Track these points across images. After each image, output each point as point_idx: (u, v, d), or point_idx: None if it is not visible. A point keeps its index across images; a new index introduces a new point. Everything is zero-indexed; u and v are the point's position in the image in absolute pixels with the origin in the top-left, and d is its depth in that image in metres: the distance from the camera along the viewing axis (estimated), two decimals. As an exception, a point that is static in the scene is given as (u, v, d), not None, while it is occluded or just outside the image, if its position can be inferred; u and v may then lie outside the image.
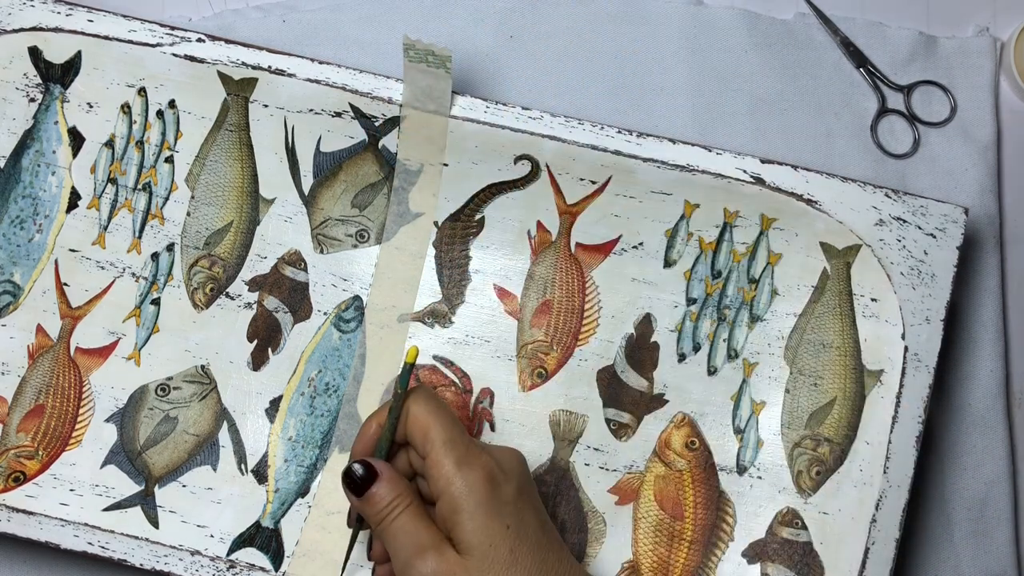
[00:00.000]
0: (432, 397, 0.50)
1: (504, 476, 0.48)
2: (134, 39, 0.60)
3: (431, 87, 0.58)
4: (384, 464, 0.49)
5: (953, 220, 0.59)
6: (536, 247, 0.61)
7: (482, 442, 0.51)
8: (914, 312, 0.59)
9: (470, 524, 0.46)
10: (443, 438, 0.48)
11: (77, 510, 0.58)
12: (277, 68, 0.60)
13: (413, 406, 0.49)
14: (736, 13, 0.66)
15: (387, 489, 0.48)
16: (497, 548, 0.46)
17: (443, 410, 0.49)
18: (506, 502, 0.47)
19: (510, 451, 0.50)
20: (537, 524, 0.48)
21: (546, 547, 0.48)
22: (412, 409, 0.49)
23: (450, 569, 0.46)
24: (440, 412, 0.49)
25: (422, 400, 0.49)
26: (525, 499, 0.48)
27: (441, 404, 0.50)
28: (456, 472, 0.47)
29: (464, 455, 0.47)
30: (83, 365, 0.60)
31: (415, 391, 0.50)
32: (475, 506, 0.46)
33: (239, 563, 0.58)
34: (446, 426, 0.48)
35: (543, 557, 0.47)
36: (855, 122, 0.66)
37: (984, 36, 0.67)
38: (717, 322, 0.61)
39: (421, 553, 0.46)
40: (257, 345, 0.61)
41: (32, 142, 0.61)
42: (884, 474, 0.58)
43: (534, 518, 0.48)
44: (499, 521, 0.47)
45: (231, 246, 0.61)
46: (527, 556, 0.47)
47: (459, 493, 0.47)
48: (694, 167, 0.60)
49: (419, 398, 0.50)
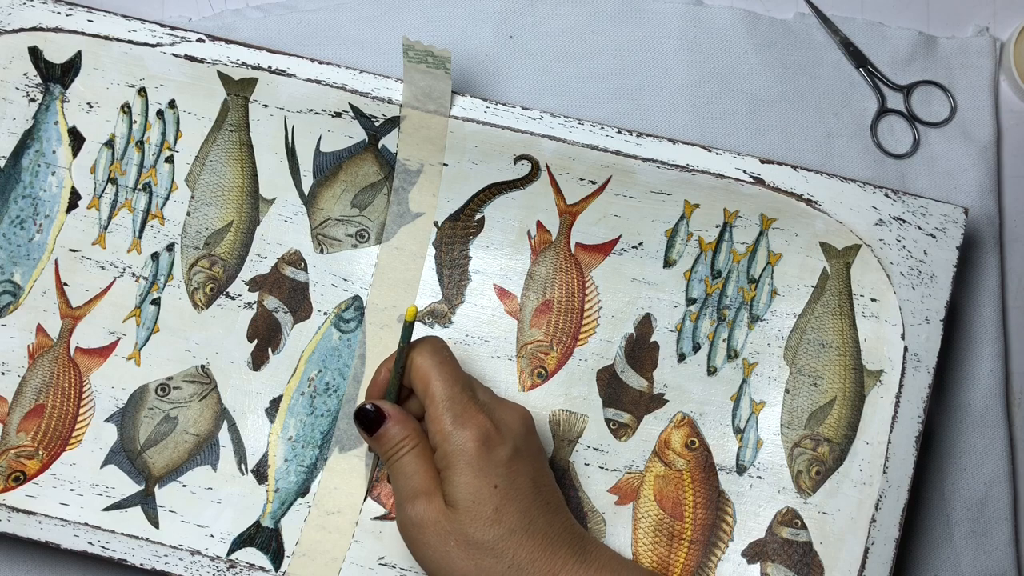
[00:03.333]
0: (437, 351, 0.51)
1: (500, 438, 0.49)
2: (134, 39, 0.60)
3: (431, 87, 0.58)
4: (392, 407, 0.52)
5: (953, 220, 0.59)
6: (536, 247, 0.61)
7: (489, 395, 0.52)
8: (914, 312, 0.59)
9: (458, 480, 0.49)
10: (442, 395, 0.50)
11: (77, 510, 0.58)
12: (277, 68, 0.60)
13: (417, 358, 0.51)
14: (736, 13, 0.66)
15: (395, 430, 0.51)
16: (481, 505, 0.48)
17: (445, 365, 0.51)
18: (498, 463, 0.49)
19: (514, 411, 0.51)
20: (529, 486, 0.49)
21: (536, 508, 0.49)
22: (416, 361, 0.51)
23: (435, 517, 0.49)
24: (442, 367, 0.50)
25: (426, 353, 0.51)
26: (520, 461, 0.50)
27: (445, 358, 0.51)
28: (452, 430, 0.49)
29: (461, 414, 0.49)
30: (83, 365, 0.60)
31: (422, 342, 0.52)
32: (465, 465, 0.49)
33: (239, 563, 0.58)
34: (447, 382, 0.50)
35: (530, 518, 0.49)
36: (855, 122, 0.66)
37: (984, 36, 0.67)
38: (717, 322, 0.61)
39: (413, 497, 0.49)
40: (257, 345, 0.61)
41: (32, 142, 0.61)
42: (884, 474, 0.58)
43: (526, 480, 0.49)
44: (487, 481, 0.48)
45: (231, 246, 0.61)
46: (512, 516, 0.48)
47: (452, 450, 0.49)
48: (694, 167, 0.60)
49: (424, 351, 0.51)
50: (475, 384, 0.52)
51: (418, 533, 0.49)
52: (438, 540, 0.49)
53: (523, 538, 0.48)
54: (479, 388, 0.52)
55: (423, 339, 0.52)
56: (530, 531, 0.49)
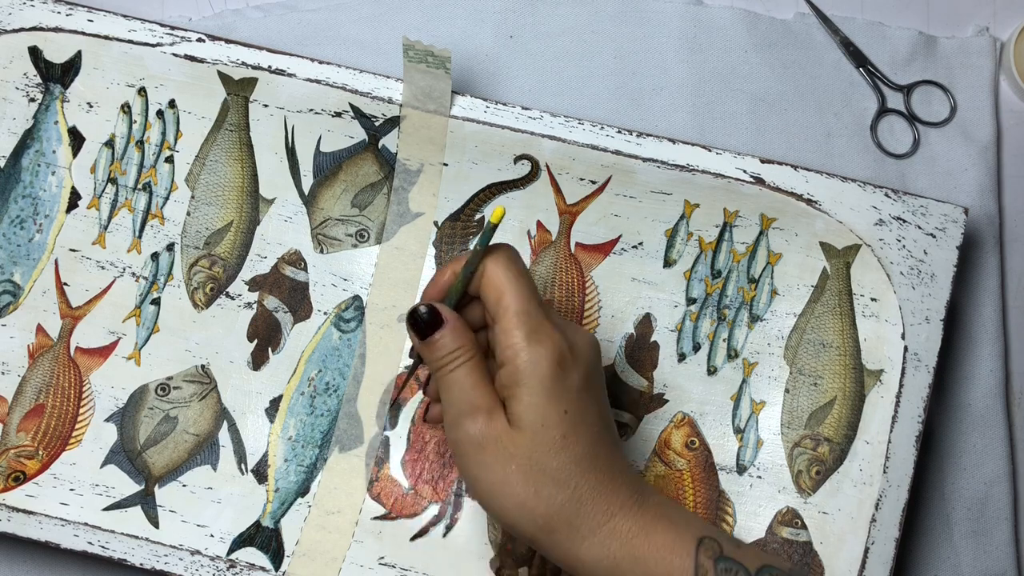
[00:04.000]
0: (513, 261, 0.47)
1: (574, 361, 0.46)
2: (134, 39, 0.60)
3: (431, 87, 0.58)
4: (452, 313, 0.47)
5: (953, 220, 0.59)
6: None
7: (560, 317, 0.48)
8: (914, 312, 0.59)
9: (528, 399, 0.45)
10: (517, 307, 0.46)
11: (77, 510, 0.58)
12: (277, 68, 0.60)
13: (491, 265, 0.47)
14: (736, 13, 0.66)
15: (451, 338, 0.47)
16: (549, 430, 0.45)
17: (522, 277, 0.47)
18: (570, 388, 0.45)
19: (586, 337, 0.48)
20: (597, 415, 0.46)
21: (601, 442, 0.46)
22: (489, 268, 0.47)
23: (497, 436, 0.45)
24: (519, 279, 0.46)
25: (502, 262, 0.47)
26: (590, 388, 0.46)
27: (521, 271, 0.47)
28: (525, 345, 0.45)
29: (536, 329, 0.45)
30: (83, 365, 0.60)
31: (496, 249, 0.48)
32: (537, 384, 0.45)
33: (239, 563, 0.58)
34: (523, 295, 0.46)
35: (596, 451, 0.45)
36: (855, 122, 0.66)
37: (984, 36, 0.67)
38: (717, 322, 0.61)
39: (473, 413, 0.45)
40: (257, 345, 0.61)
41: (32, 142, 0.61)
42: (884, 474, 0.58)
43: (595, 409, 0.46)
44: (558, 404, 0.45)
45: (231, 246, 0.61)
46: (577, 444, 0.45)
47: (524, 367, 0.45)
48: (694, 167, 0.60)
49: (499, 259, 0.47)
50: (546, 305, 0.48)
51: (476, 452, 0.45)
52: (498, 462, 0.45)
53: (588, 469, 0.45)
54: (551, 309, 0.48)
55: (498, 246, 0.48)
56: (595, 463, 0.45)
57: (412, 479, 0.59)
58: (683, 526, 0.45)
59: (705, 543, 0.45)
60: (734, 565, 0.45)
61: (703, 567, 0.44)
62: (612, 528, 0.45)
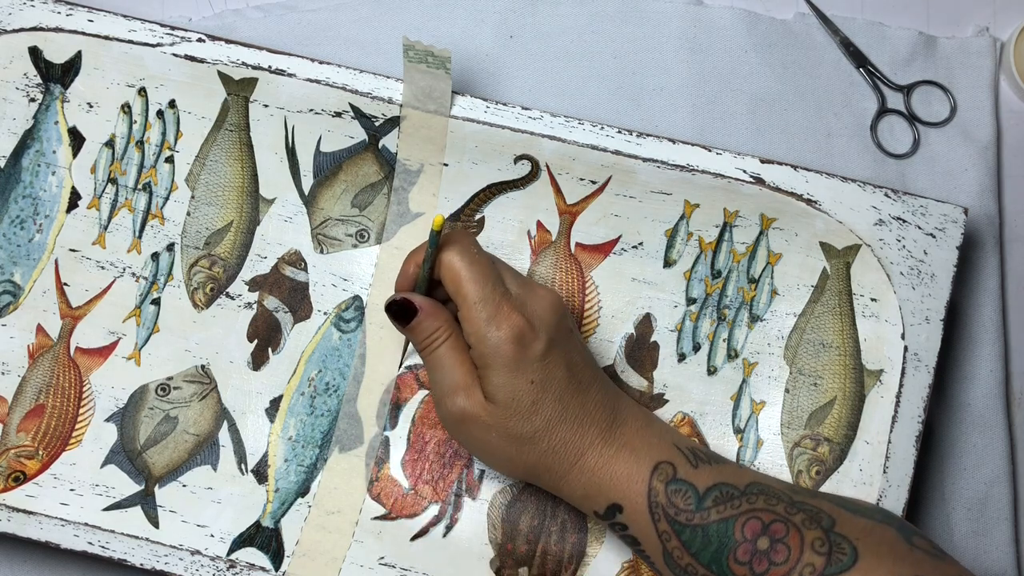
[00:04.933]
0: (466, 250, 0.51)
1: (533, 334, 0.50)
2: (134, 39, 0.60)
3: (431, 87, 0.58)
4: (423, 299, 0.52)
5: (953, 220, 0.59)
6: (536, 247, 0.61)
7: (518, 283, 0.52)
8: (914, 312, 0.59)
9: (495, 379, 0.50)
10: (474, 296, 0.50)
11: (77, 510, 0.58)
12: (277, 68, 0.60)
13: (446, 256, 0.51)
14: (736, 13, 0.66)
15: (428, 323, 0.52)
16: (519, 400, 0.50)
17: (476, 264, 0.50)
18: (533, 359, 0.50)
19: (546, 300, 0.51)
20: (563, 373, 0.51)
21: (569, 394, 0.51)
22: (445, 260, 0.51)
23: (475, 412, 0.51)
24: (473, 267, 0.50)
25: (456, 253, 0.51)
26: (554, 351, 0.50)
27: (475, 257, 0.51)
28: (486, 331, 0.50)
29: (494, 314, 0.50)
30: (83, 365, 0.60)
31: (451, 239, 0.51)
32: (501, 365, 0.50)
33: (239, 563, 0.58)
34: (478, 282, 0.50)
35: (564, 405, 0.51)
36: (855, 122, 0.66)
37: (984, 36, 0.67)
38: (717, 322, 0.61)
39: (454, 391, 0.51)
40: (257, 345, 0.61)
41: (32, 142, 0.61)
42: (884, 474, 0.58)
43: (560, 368, 0.51)
44: (524, 377, 0.50)
45: (231, 246, 0.61)
46: (548, 406, 0.50)
47: (487, 351, 0.50)
48: (694, 167, 0.60)
49: (453, 250, 0.51)
50: (505, 273, 0.52)
51: (460, 424, 0.51)
52: (480, 432, 0.51)
53: (558, 425, 0.50)
54: (509, 277, 0.52)
55: (451, 235, 0.52)
56: (564, 417, 0.51)
57: (412, 479, 0.59)
58: (643, 453, 0.51)
59: (660, 468, 0.51)
60: (684, 485, 0.50)
61: (655, 490, 0.50)
62: (582, 466, 0.51)
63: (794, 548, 0.48)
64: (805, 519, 0.49)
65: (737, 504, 0.50)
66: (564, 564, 0.59)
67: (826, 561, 0.47)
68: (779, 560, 0.48)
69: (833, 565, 0.47)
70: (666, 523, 0.50)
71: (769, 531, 0.48)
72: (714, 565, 0.49)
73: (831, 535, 0.48)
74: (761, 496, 0.50)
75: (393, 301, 0.52)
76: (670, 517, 0.50)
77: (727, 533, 0.49)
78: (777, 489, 0.51)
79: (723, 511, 0.49)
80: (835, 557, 0.47)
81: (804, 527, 0.48)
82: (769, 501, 0.50)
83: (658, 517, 0.50)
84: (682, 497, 0.50)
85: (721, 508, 0.49)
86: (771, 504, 0.49)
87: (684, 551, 0.50)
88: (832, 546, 0.47)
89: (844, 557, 0.47)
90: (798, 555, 0.48)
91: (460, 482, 0.60)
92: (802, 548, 0.48)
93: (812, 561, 0.47)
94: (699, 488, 0.50)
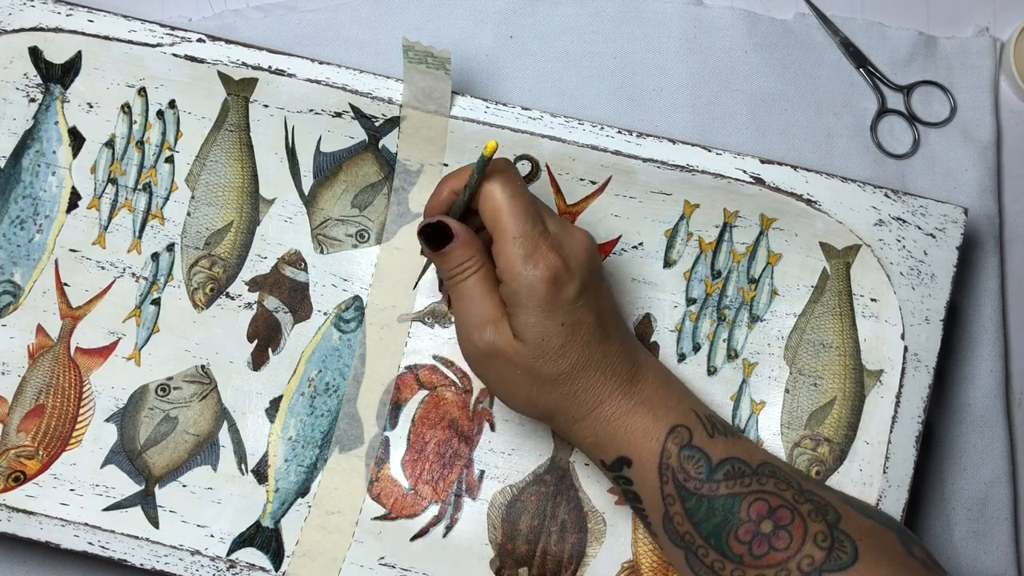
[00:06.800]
0: (510, 182, 0.49)
1: (569, 275, 0.49)
2: (134, 39, 0.60)
3: (431, 88, 0.58)
4: (460, 226, 0.51)
5: (953, 220, 0.59)
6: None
7: (556, 223, 0.51)
8: (914, 312, 0.59)
9: (526, 318, 0.49)
10: (514, 231, 0.49)
11: (77, 510, 0.58)
12: (277, 68, 0.60)
13: (488, 186, 0.49)
14: (736, 13, 0.66)
15: (461, 251, 0.50)
16: (549, 341, 0.49)
17: (519, 198, 0.49)
18: (565, 301, 0.49)
19: (579, 241, 0.51)
20: (592, 319, 0.50)
21: (596, 340, 0.50)
22: (487, 189, 0.49)
23: (503, 347, 0.50)
24: (515, 200, 0.49)
25: (498, 184, 0.49)
26: (586, 296, 0.50)
27: (518, 190, 0.49)
28: (521, 268, 0.48)
29: (532, 252, 0.48)
30: (83, 365, 0.60)
31: (496, 170, 0.50)
32: (534, 305, 0.49)
33: (239, 563, 0.58)
34: (519, 217, 0.49)
35: (590, 351, 0.50)
36: (855, 122, 0.66)
37: (984, 36, 0.67)
38: (717, 322, 0.61)
39: (482, 325, 0.50)
40: (257, 345, 0.61)
41: (32, 142, 0.61)
42: (884, 474, 0.58)
43: (591, 315, 0.50)
44: (555, 319, 0.49)
45: (231, 246, 0.61)
46: (576, 350, 0.49)
47: (521, 289, 0.49)
48: (694, 167, 0.60)
49: (497, 181, 0.49)
50: (544, 212, 0.51)
51: (485, 359, 0.51)
52: (505, 367, 0.50)
53: (582, 371, 0.50)
54: (548, 216, 0.51)
55: (496, 165, 0.50)
56: (590, 363, 0.50)
57: (412, 479, 0.59)
58: (661, 413, 0.51)
59: (677, 431, 0.50)
60: (697, 453, 0.50)
61: (668, 452, 0.50)
62: (598, 414, 0.50)
63: (796, 537, 0.48)
64: (811, 510, 0.48)
65: (747, 483, 0.49)
66: (564, 564, 0.59)
67: (826, 556, 0.47)
68: (780, 547, 0.48)
69: (832, 561, 0.47)
70: (673, 487, 0.50)
71: (775, 516, 0.48)
72: (713, 539, 0.49)
73: (835, 531, 0.48)
74: (772, 479, 0.50)
75: (428, 223, 0.50)
76: (678, 482, 0.49)
77: (732, 510, 0.49)
78: (787, 473, 0.50)
79: (732, 487, 0.49)
80: (835, 554, 0.47)
81: (809, 518, 0.48)
82: (779, 485, 0.49)
83: (666, 479, 0.50)
84: (694, 464, 0.50)
85: (731, 483, 0.49)
86: (780, 489, 0.49)
87: (686, 518, 0.49)
88: (834, 542, 0.47)
89: (844, 556, 0.47)
90: (799, 545, 0.47)
91: (460, 482, 0.60)
92: (804, 539, 0.47)
93: (812, 554, 0.47)
94: (712, 458, 0.50)
